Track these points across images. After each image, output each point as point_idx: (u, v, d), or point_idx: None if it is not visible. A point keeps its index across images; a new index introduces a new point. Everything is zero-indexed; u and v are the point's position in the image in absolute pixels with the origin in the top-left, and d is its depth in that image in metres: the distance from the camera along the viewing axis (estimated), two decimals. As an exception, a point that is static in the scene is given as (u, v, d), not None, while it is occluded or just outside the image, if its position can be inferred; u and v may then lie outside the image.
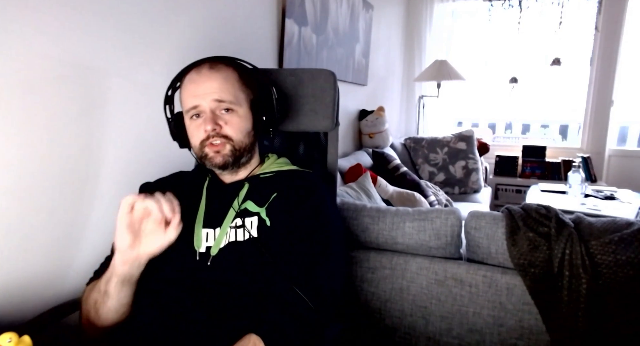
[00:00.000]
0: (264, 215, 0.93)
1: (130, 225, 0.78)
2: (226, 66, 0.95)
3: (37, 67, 0.94)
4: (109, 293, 0.82)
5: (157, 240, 0.80)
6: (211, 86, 0.91)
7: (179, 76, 0.98)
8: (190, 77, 0.94)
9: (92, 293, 0.86)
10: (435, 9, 4.02)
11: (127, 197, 0.78)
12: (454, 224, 1.35)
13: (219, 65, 0.94)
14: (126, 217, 0.78)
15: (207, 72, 0.93)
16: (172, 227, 0.79)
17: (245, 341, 0.76)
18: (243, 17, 1.67)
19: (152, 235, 0.80)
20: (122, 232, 0.78)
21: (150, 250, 0.80)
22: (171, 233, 0.79)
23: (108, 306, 0.83)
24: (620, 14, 3.59)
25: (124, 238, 0.78)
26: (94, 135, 1.10)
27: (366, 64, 3.09)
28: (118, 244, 0.79)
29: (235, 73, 0.96)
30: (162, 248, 0.81)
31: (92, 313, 0.84)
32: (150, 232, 0.80)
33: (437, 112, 4.16)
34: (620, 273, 1.15)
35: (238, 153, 0.95)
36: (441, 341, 1.35)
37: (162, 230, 0.79)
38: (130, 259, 0.80)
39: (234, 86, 0.94)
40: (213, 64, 0.94)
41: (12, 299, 0.94)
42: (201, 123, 0.92)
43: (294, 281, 0.84)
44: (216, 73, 0.93)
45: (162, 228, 0.79)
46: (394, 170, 2.74)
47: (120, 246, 0.79)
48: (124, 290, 0.83)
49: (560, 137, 4.66)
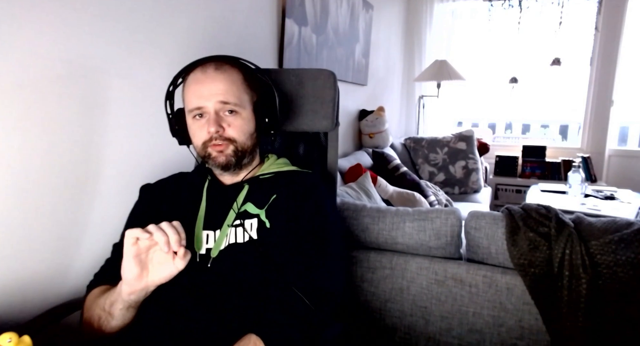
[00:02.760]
0: (263, 217, 0.93)
1: (136, 256, 0.76)
2: (231, 67, 0.95)
3: (37, 67, 0.94)
4: (113, 315, 0.82)
5: (165, 269, 0.77)
6: (217, 87, 0.91)
7: (181, 73, 0.98)
8: (195, 76, 0.93)
9: (96, 307, 0.84)
10: (435, 9, 4.02)
11: (131, 230, 0.75)
12: (454, 224, 1.35)
13: (224, 66, 0.94)
14: (132, 249, 0.75)
15: (213, 72, 0.92)
16: (179, 257, 0.76)
17: (245, 341, 0.76)
18: (243, 17, 1.67)
19: (160, 265, 0.78)
20: (128, 263, 0.76)
21: (158, 280, 0.78)
22: (179, 263, 0.76)
23: (112, 325, 0.82)
24: (620, 14, 3.59)
25: (131, 269, 0.76)
26: (94, 135, 1.10)
27: (366, 64, 3.09)
28: (125, 275, 0.77)
29: (240, 74, 0.96)
30: (171, 277, 0.78)
31: (95, 325, 0.84)
32: (158, 261, 0.78)
33: (437, 112, 4.16)
34: (620, 273, 1.15)
35: (240, 154, 0.95)
36: (441, 341, 1.35)
37: (171, 259, 0.77)
38: (138, 290, 0.78)
39: (238, 88, 0.94)
40: (219, 65, 0.94)
41: (12, 299, 0.94)
42: (204, 124, 0.92)
43: (294, 281, 0.84)
44: (222, 74, 0.92)
45: (170, 256, 0.77)
46: (394, 170, 2.74)
47: (127, 277, 0.77)
48: (128, 314, 0.82)
49: (560, 137, 4.66)
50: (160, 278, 0.78)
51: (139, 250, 0.76)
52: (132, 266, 0.76)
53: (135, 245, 0.75)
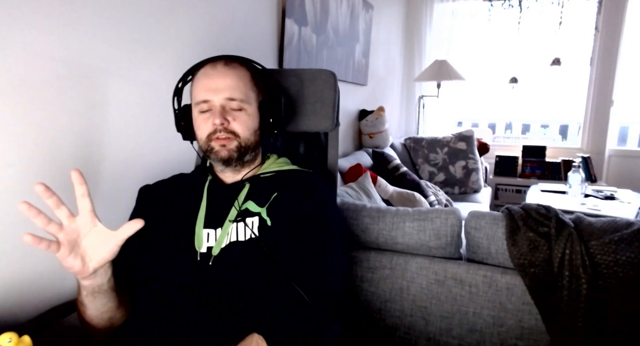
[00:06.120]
0: (264, 215, 0.93)
1: (68, 250, 0.71)
2: (240, 65, 0.98)
3: (37, 67, 0.94)
4: (83, 303, 0.80)
5: (104, 249, 0.73)
6: (225, 83, 0.93)
7: (191, 70, 1.00)
8: (205, 71, 0.95)
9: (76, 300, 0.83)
10: (435, 9, 4.02)
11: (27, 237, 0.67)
12: (454, 224, 1.35)
13: (234, 63, 0.97)
14: (55, 250, 0.69)
15: (223, 68, 0.95)
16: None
17: (247, 340, 0.76)
18: (243, 17, 1.67)
19: (96, 246, 0.73)
20: (65, 262, 0.71)
21: (103, 260, 0.74)
22: (121, 232, 0.72)
23: (88, 315, 0.81)
24: (620, 14, 3.59)
25: (71, 264, 0.72)
26: (94, 135, 1.10)
27: (366, 64, 3.09)
28: (71, 271, 0.73)
29: (248, 73, 0.98)
30: (113, 252, 0.74)
31: (80, 317, 0.83)
32: (91, 246, 0.73)
33: (437, 112, 4.16)
34: (620, 273, 1.15)
35: (243, 150, 0.96)
36: (441, 341, 1.35)
37: (106, 238, 0.72)
38: (88, 275, 0.75)
39: (246, 85, 0.96)
40: (228, 62, 0.96)
41: (12, 299, 0.94)
42: (209, 116, 0.93)
43: (295, 280, 0.85)
44: (231, 70, 0.95)
45: (104, 235, 0.72)
46: (394, 170, 2.74)
47: (73, 272, 0.73)
48: (97, 300, 0.80)
49: (560, 137, 4.66)
50: (104, 258, 0.74)
51: (66, 247, 0.71)
52: (71, 261, 0.71)
53: (54, 247, 0.70)
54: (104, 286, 0.79)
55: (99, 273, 0.76)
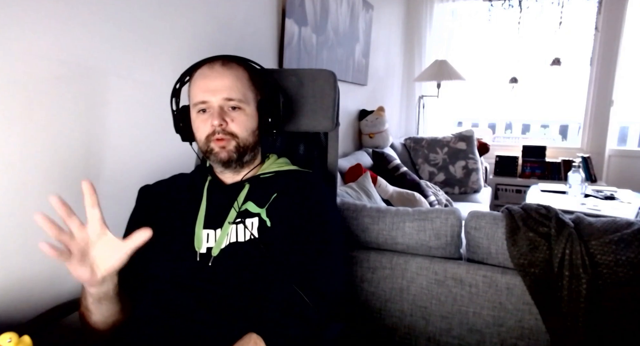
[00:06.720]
0: (264, 216, 0.93)
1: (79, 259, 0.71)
2: (238, 65, 0.97)
3: (37, 67, 0.94)
4: (89, 309, 0.81)
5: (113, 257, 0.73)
6: (222, 83, 0.93)
7: (189, 70, 0.99)
8: (202, 71, 0.95)
9: (81, 305, 0.84)
10: (435, 9, 4.02)
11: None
12: (454, 224, 1.35)
13: (231, 64, 0.96)
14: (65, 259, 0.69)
15: (220, 68, 0.94)
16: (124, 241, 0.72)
17: (245, 340, 0.76)
18: (243, 17, 1.67)
19: (105, 255, 0.73)
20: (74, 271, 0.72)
21: (111, 269, 0.74)
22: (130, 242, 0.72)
23: (93, 320, 0.82)
24: (620, 14, 3.59)
25: (81, 272, 0.72)
26: (94, 135, 1.10)
27: (366, 64, 3.09)
28: (80, 280, 0.74)
29: (246, 73, 0.98)
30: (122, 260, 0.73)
31: (84, 321, 0.84)
32: (101, 256, 0.73)
33: (437, 112, 4.16)
34: (620, 273, 1.15)
35: (242, 151, 0.96)
36: (441, 341, 1.35)
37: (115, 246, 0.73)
38: (96, 283, 0.75)
39: (244, 85, 0.95)
40: (226, 62, 0.96)
41: (12, 299, 0.94)
42: (208, 117, 0.93)
43: (295, 281, 0.84)
44: (228, 71, 0.94)
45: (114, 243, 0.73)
46: (394, 170, 2.74)
47: (82, 280, 0.74)
48: (103, 306, 0.81)
49: (560, 137, 4.67)
50: (112, 267, 0.74)
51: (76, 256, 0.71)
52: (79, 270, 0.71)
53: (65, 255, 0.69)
54: (110, 293, 0.80)
55: (106, 280, 0.76)
